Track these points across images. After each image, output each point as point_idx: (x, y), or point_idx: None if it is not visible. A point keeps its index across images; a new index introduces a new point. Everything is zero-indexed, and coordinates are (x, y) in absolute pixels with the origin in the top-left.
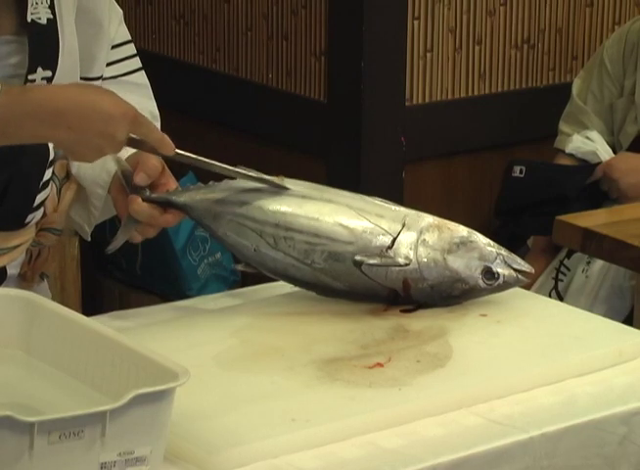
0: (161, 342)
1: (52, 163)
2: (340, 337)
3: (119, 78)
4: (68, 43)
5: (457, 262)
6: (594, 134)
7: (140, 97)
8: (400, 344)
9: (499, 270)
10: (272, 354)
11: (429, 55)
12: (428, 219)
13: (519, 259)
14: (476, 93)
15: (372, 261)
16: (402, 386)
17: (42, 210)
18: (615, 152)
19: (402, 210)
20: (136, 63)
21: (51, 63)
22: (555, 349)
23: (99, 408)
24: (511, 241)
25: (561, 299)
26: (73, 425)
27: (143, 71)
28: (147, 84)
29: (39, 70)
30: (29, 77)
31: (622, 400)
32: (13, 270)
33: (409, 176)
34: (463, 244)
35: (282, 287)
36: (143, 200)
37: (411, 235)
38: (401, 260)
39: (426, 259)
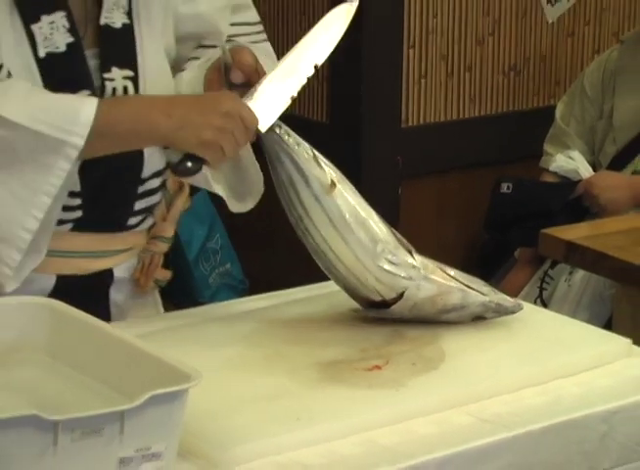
0: (176, 346)
1: (159, 174)
2: (340, 341)
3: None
4: (151, 45)
5: (449, 318)
6: (576, 154)
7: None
8: (397, 348)
9: (489, 316)
10: (277, 358)
11: (423, 80)
12: (426, 292)
13: (508, 300)
14: (466, 116)
15: (367, 313)
16: (399, 387)
17: (150, 219)
18: (595, 170)
19: (405, 274)
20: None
21: (128, 63)
22: (541, 352)
23: (117, 408)
24: (499, 252)
25: (545, 306)
26: (94, 423)
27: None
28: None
29: (114, 69)
30: (105, 76)
31: (603, 400)
32: (121, 274)
33: (405, 192)
34: (455, 309)
35: (286, 296)
36: None
37: (405, 304)
38: (395, 316)
39: (418, 317)
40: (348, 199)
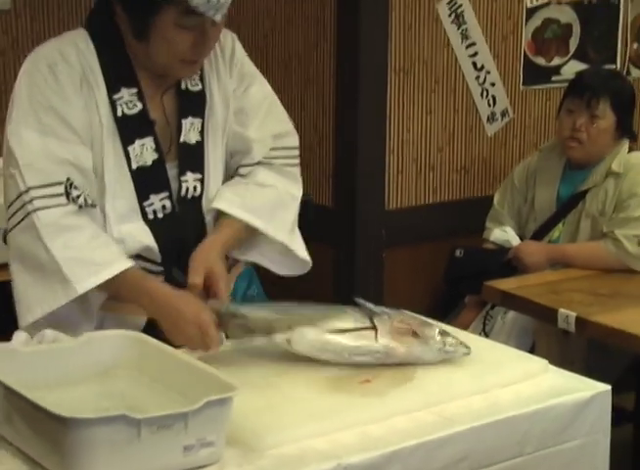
0: (225, 364)
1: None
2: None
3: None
4: (215, 156)
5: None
6: (508, 229)
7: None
8: (382, 367)
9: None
10: (296, 373)
11: (400, 176)
12: (393, 360)
13: (464, 349)
14: (431, 202)
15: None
16: (383, 395)
17: None
18: (521, 240)
19: (372, 358)
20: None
21: (199, 169)
22: (484, 370)
23: (183, 410)
24: (454, 299)
25: (487, 336)
26: (167, 420)
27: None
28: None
29: (189, 173)
30: (181, 178)
31: (527, 405)
32: None
33: (387, 258)
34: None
35: None
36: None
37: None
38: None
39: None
40: None
